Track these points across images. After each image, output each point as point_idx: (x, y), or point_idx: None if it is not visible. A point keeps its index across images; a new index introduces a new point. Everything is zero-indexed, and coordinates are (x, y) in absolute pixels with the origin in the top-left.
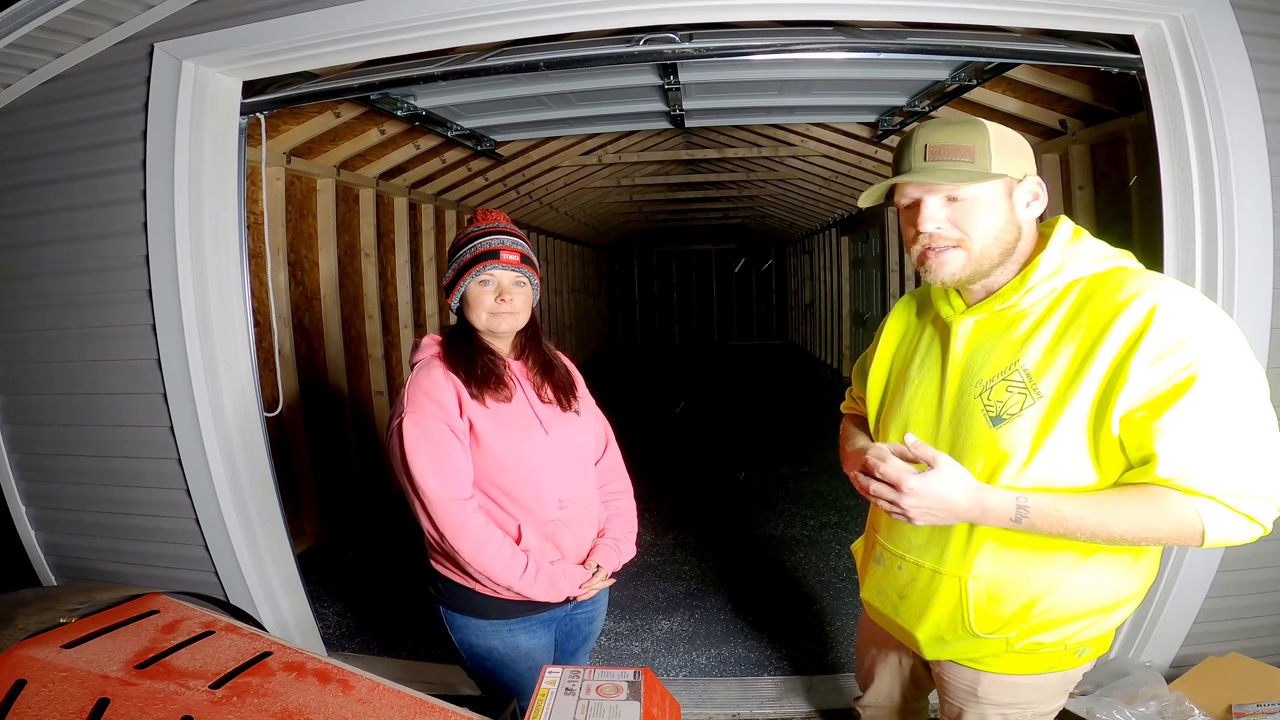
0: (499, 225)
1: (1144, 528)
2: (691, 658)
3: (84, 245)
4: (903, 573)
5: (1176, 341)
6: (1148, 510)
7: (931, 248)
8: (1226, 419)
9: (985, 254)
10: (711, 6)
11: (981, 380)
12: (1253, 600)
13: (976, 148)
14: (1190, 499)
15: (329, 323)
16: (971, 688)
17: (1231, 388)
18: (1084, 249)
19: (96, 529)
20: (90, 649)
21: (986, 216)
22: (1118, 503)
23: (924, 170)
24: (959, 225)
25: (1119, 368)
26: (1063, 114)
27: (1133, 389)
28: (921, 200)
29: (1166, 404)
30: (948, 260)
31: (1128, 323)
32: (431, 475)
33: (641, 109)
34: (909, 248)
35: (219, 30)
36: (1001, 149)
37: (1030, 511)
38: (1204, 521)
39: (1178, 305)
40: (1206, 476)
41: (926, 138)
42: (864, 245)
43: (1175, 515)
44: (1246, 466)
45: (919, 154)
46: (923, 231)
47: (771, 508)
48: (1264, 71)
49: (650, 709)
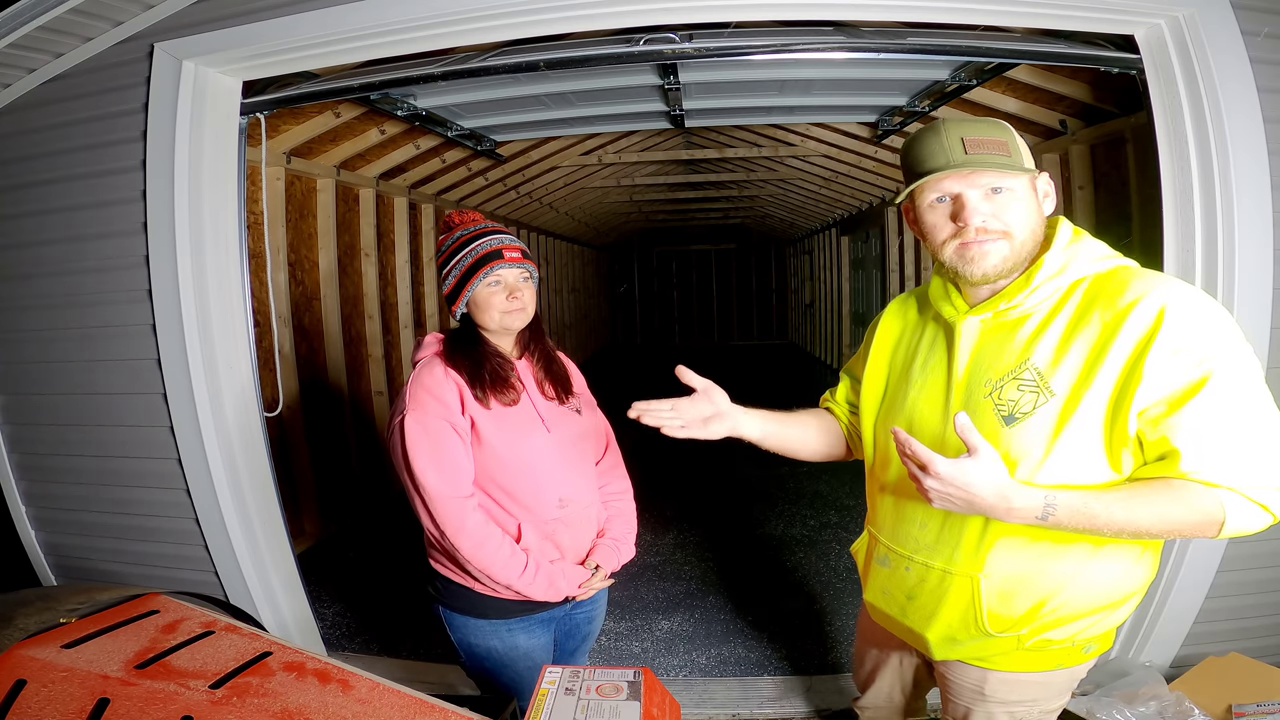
0: (489, 225)
1: (1169, 521)
2: (691, 658)
3: (84, 245)
4: (911, 574)
5: (1188, 340)
6: (1174, 504)
7: (974, 240)
8: (1242, 413)
9: (1024, 246)
10: (711, 6)
11: (991, 380)
12: (1253, 600)
13: (1010, 143)
14: (1213, 491)
15: (329, 323)
16: (979, 687)
17: (1243, 383)
18: (1085, 249)
19: (96, 529)
20: (90, 649)
21: (1023, 209)
22: (1145, 498)
23: (969, 162)
24: (1001, 218)
25: (1133, 367)
26: (1063, 114)
27: (1149, 387)
28: (964, 195)
29: (1184, 400)
30: (991, 251)
31: (1139, 323)
32: (432, 472)
33: (641, 109)
34: (941, 243)
35: (219, 30)
36: (1022, 146)
37: (1058, 509)
38: (1226, 512)
39: (1187, 305)
40: (1227, 469)
41: (961, 131)
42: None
43: (1199, 508)
44: (1263, 458)
45: (957, 147)
46: (968, 225)
47: (771, 508)
48: (1264, 71)
49: (650, 709)
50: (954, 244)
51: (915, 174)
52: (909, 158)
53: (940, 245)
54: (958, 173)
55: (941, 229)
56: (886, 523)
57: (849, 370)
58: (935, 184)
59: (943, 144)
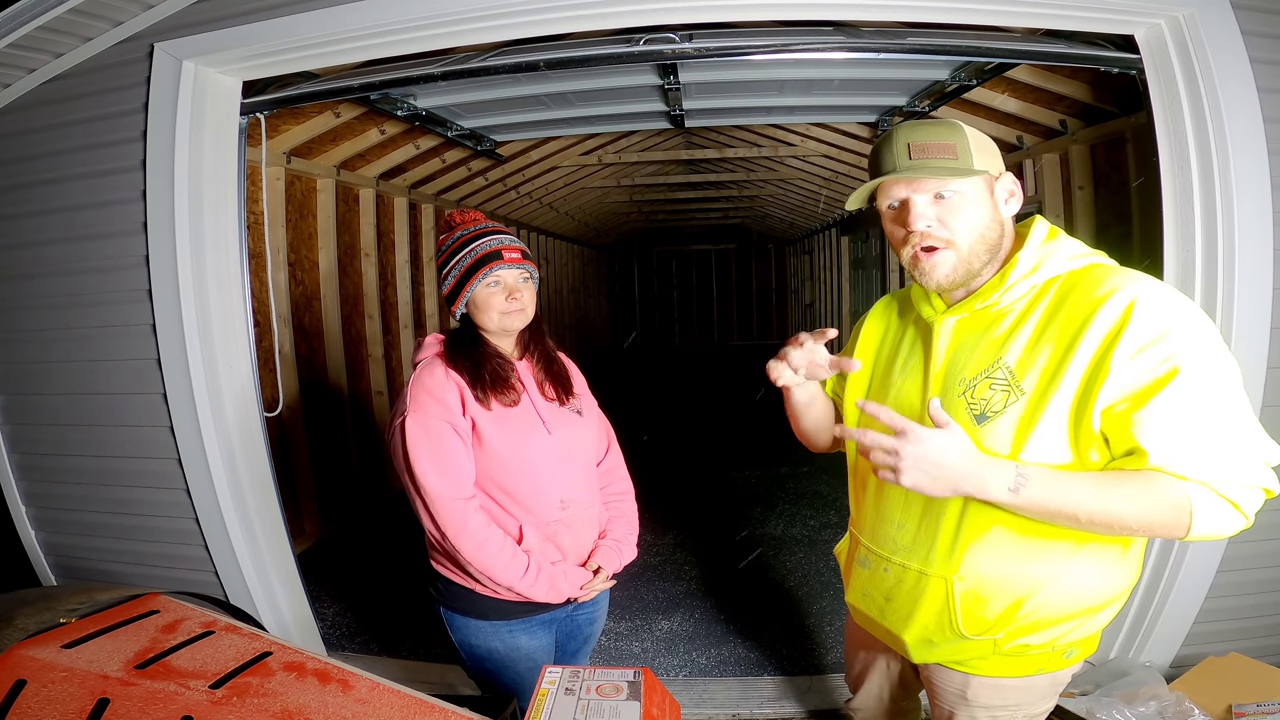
0: (489, 225)
1: (1139, 509)
2: (691, 658)
3: (84, 245)
4: (889, 575)
5: (1156, 335)
6: (1144, 489)
7: (923, 247)
8: (1209, 408)
9: (974, 252)
10: (711, 6)
11: (965, 379)
12: (1253, 600)
13: (958, 145)
14: (1181, 483)
15: (329, 323)
16: (961, 691)
17: (1212, 378)
18: (1060, 247)
19: (96, 529)
20: (90, 649)
21: (972, 213)
22: (1117, 481)
23: (912, 168)
24: (947, 223)
25: (1099, 363)
26: (1063, 114)
27: (1114, 383)
28: (910, 200)
29: (1150, 395)
30: (939, 263)
31: (1107, 318)
32: (433, 474)
33: (641, 109)
34: (898, 250)
35: (219, 30)
36: (979, 147)
37: (1029, 481)
38: (1193, 505)
39: (1155, 300)
40: (1195, 463)
41: (908, 137)
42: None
43: (1168, 498)
44: (1231, 453)
45: (903, 153)
46: (914, 230)
47: (771, 508)
48: (1264, 71)
49: (650, 709)
50: (907, 251)
51: (871, 180)
52: (870, 164)
53: (899, 251)
54: (904, 178)
55: (896, 235)
56: (867, 523)
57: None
58: (885, 190)
59: (891, 150)
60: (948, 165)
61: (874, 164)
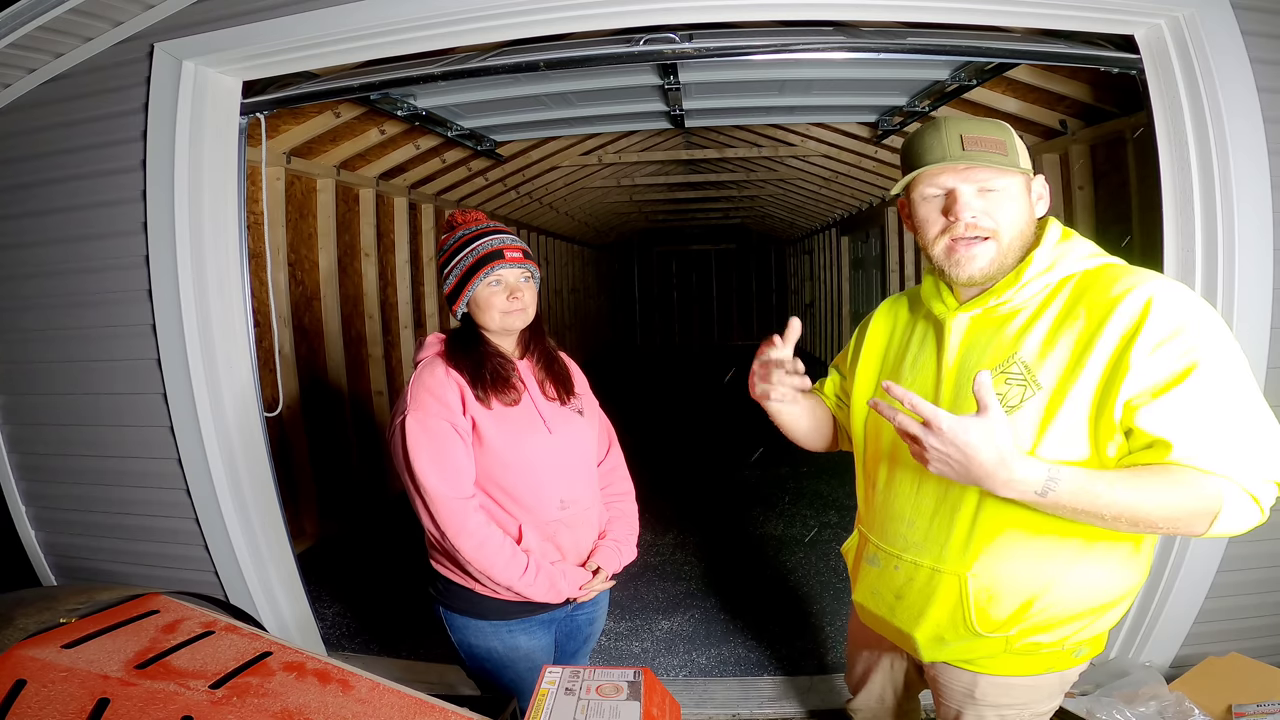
0: (491, 225)
1: (1169, 506)
2: (691, 658)
3: (84, 245)
4: (900, 572)
5: (1174, 330)
6: (1175, 487)
7: (963, 238)
8: (1229, 403)
9: (1011, 247)
10: (711, 6)
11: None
12: (1253, 600)
13: (1008, 144)
14: (1212, 479)
15: (329, 323)
16: (969, 690)
17: (1229, 372)
18: (1074, 247)
19: (96, 529)
20: (90, 649)
21: (1014, 209)
22: (1147, 479)
23: (967, 157)
24: (992, 216)
25: (1119, 358)
26: (1063, 114)
27: (1135, 378)
28: (957, 190)
29: (1170, 388)
30: (978, 254)
31: (1125, 315)
32: (433, 473)
33: (641, 109)
34: (928, 240)
35: (219, 30)
36: (1020, 148)
37: (1060, 484)
38: (1223, 502)
39: (1171, 296)
40: (1221, 457)
41: (960, 129)
42: (864, 245)
43: (1199, 493)
44: (1254, 448)
45: (955, 143)
46: (959, 220)
47: (771, 508)
48: (1264, 71)
49: (650, 709)
50: (944, 241)
51: (912, 167)
52: (908, 152)
53: (931, 240)
54: (953, 167)
55: (933, 223)
56: (876, 520)
57: (836, 366)
58: (931, 178)
59: (941, 139)
60: (1001, 160)
61: (916, 152)
